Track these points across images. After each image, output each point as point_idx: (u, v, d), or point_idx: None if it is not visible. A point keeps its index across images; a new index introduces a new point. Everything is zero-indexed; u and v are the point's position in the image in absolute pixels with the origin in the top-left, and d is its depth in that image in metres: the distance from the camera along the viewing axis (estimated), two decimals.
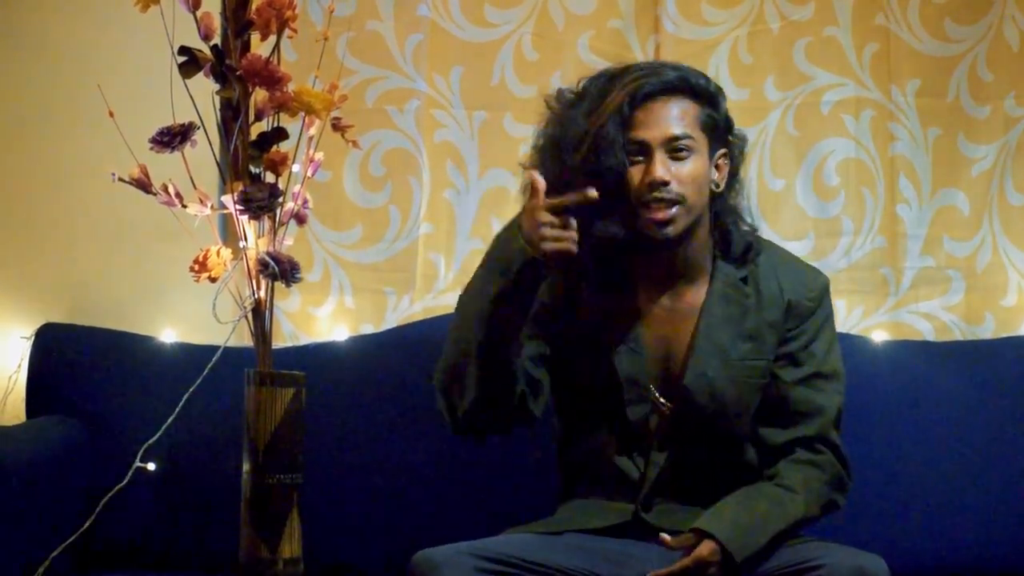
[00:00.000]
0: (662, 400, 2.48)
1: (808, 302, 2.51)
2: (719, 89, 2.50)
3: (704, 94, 2.46)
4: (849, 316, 3.17)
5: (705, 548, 2.31)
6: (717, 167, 2.48)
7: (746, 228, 2.53)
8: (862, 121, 3.20)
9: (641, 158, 2.42)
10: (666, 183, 2.40)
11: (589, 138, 2.39)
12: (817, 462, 2.47)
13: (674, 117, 2.43)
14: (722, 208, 2.50)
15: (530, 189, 2.31)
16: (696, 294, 2.50)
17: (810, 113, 3.20)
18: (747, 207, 2.54)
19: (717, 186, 2.48)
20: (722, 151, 2.48)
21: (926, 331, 3.18)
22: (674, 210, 2.41)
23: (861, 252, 3.19)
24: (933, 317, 3.19)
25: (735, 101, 3.18)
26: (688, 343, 2.48)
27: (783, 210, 3.20)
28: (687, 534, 2.34)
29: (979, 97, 3.20)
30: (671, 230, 2.42)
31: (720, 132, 2.48)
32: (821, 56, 3.20)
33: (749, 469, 2.49)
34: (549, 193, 2.32)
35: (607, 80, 2.45)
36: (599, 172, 2.38)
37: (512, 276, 2.31)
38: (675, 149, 2.42)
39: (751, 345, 2.48)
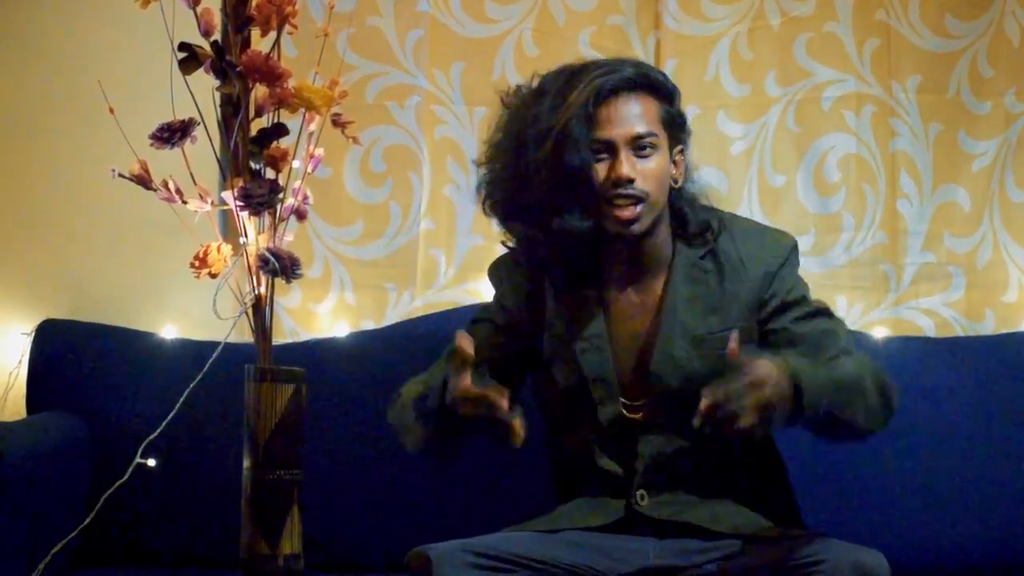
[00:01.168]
0: (628, 403, 2.47)
1: (774, 260, 2.48)
2: (675, 87, 2.50)
3: (663, 90, 2.47)
4: (850, 312, 3.17)
5: (769, 367, 2.20)
6: (675, 163, 2.49)
7: (701, 207, 2.51)
8: (863, 117, 3.20)
9: (605, 155, 2.42)
10: (631, 180, 2.41)
11: (553, 135, 2.39)
12: (859, 358, 2.43)
13: (637, 115, 2.43)
14: (677, 197, 2.50)
15: (457, 356, 2.29)
16: (661, 283, 2.50)
17: (811, 109, 3.20)
18: (700, 189, 2.53)
19: (676, 182, 2.48)
20: (679, 147, 2.49)
21: (927, 327, 3.18)
22: (639, 208, 2.41)
23: (862, 248, 3.19)
24: (934, 313, 3.19)
25: (736, 97, 3.20)
26: (655, 332, 2.48)
27: (784, 206, 3.20)
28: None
29: (980, 93, 3.20)
30: (637, 227, 2.42)
31: (677, 128, 2.49)
32: (822, 52, 3.20)
33: (740, 451, 2.47)
34: (510, 194, 2.42)
35: (567, 77, 2.45)
36: (563, 169, 2.39)
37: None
38: (639, 147, 2.43)
39: (715, 317, 2.46)
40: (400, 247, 3.22)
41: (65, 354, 3.03)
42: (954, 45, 3.20)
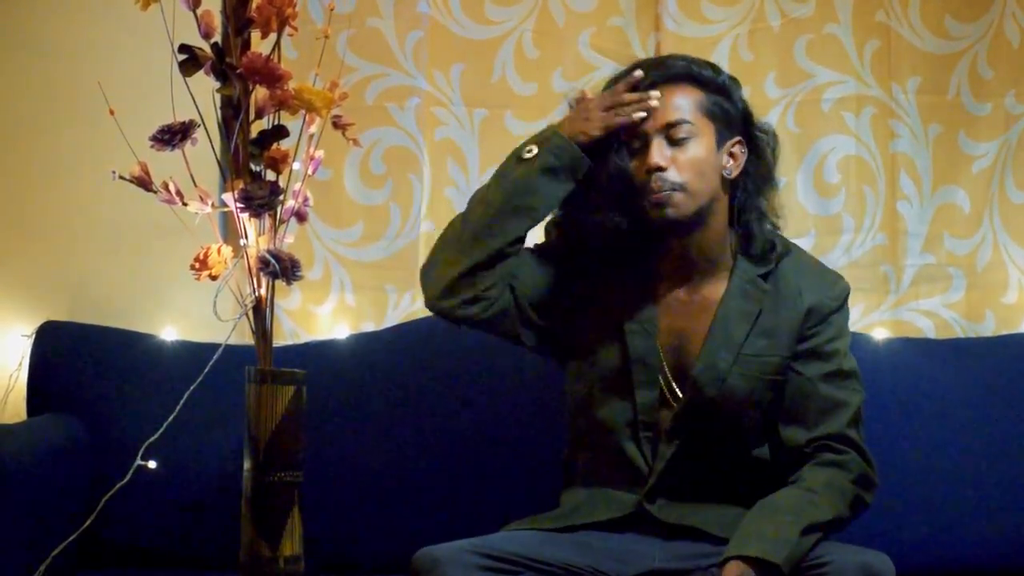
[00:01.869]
0: (673, 386, 2.48)
1: (830, 301, 2.51)
2: (733, 79, 2.52)
3: (710, 83, 2.47)
4: (850, 313, 3.16)
5: (731, 570, 2.27)
6: (732, 155, 2.48)
7: (769, 227, 2.52)
8: (863, 118, 3.20)
9: (641, 149, 2.44)
10: (662, 168, 2.41)
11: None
12: (841, 462, 2.44)
13: (672, 105, 2.45)
14: (745, 204, 2.50)
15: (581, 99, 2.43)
16: (713, 289, 2.50)
17: (811, 110, 3.20)
18: (775, 208, 2.54)
19: (729, 173, 2.48)
20: (736, 139, 2.48)
21: (927, 328, 3.18)
22: (671, 193, 2.42)
23: (862, 250, 3.19)
24: (934, 314, 3.19)
25: None
26: (702, 335, 2.48)
27: (784, 208, 3.19)
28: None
29: (980, 94, 3.20)
30: (671, 212, 2.42)
31: (733, 121, 2.49)
32: (822, 53, 3.20)
33: (756, 467, 2.49)
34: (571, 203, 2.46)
35: (615, 78, 2.50)
36: (608, 170, 2.43)
37: (558, 164, 2.43)
38: (673, 135, 2.43)
39: (765, 342, 2.47)
40: (400, 249, 3.22)
41: (65, 356, 3.03)
42: (954, 47, 3.20)
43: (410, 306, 3.20)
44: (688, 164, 2.43)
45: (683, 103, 2.45)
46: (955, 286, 3.19)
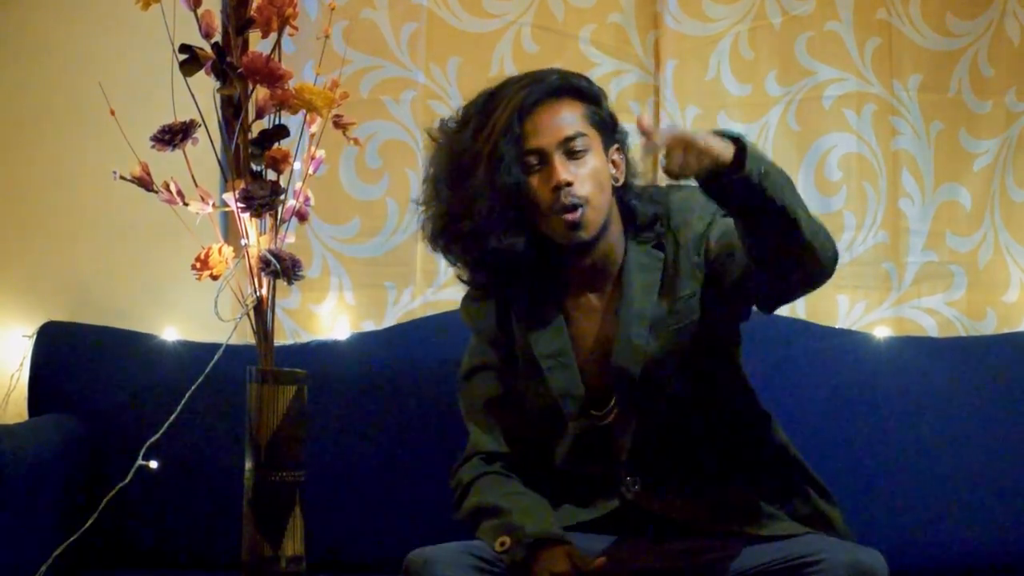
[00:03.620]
0: (594, 413, 2.46)
1: (700, 222, 2.44)
2: (601, 90, 2.50)
3: (588, 94, 2.46)
4: (851, 311, 3.16)
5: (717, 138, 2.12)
6: (613, 163, 2.47)
7: (647, 197, 2.49)
8: (864, 116, 3.19)
9: (539, 167, 2.41)
10: (569, 183, 2.38)
11: (483, 158, 2.38)
12: None
13: (565, 119, 2.42)
14: (623, 194, 2.48)
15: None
16: (615, 283, 2.49)
17: (812, 108, 3.20)
18: (642, 179, 2.51)
19: (617, 180, 2.47)
20: (614, 146, 2.48)
21: (928, 326, 3.17)
22: (582, 211, 2.39)
23: (863, 247, 3.19)
24: (935, 312, 3.18)
25: (737, 97, 3.20)
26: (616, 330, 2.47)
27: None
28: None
29: (981, 92, 3.19)
30: (583, 233, 2.40)
31: (608, 129, 2.47)
32: (823, 51, 3.20)
33: (715, 424, 2.47)
34: (446, 221, 2.41)
35: (487, 99, 2.45)
36: (499, 190, 2.38)
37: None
38: (571, 150, 2.41)
39: (668, 298, 2.44)
40: (398, 245, 3.21)
41: (66, 356, 3.02)
42: (955, 44, 3.20)
43: (409, 302, 3.20)
44: (588, 177, 2.40)
45: (573, 116, 2.43)
46: (956, 284, 3.18)
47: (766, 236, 2.21)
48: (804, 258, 2.22)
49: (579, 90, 2.45)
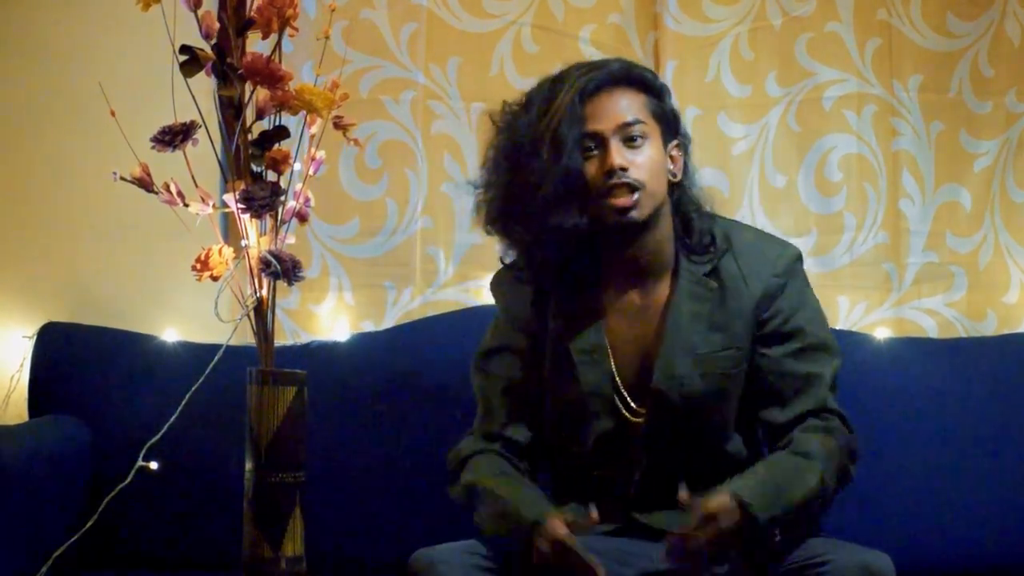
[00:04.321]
0: (632, 406, 2.47)
1: (776, 279, 2.47)
2: (664, 85, 2.51)
3: (651, 85, 2.47)
4: (851, 312, 3.17)
5: (718, 501, 2.25)
6: (672, 158, 2.48)
7: (706, 215, 2.51)
8: (864, 116, 3.19)
9: (596, 151, 2.42)
10: (624, 168, 2.40)
11: (545, 141, 2.39)
12: (828, 428, 2.43)
13: (624, 106, 2.44)
14: (682, 199, 2.49)
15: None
16: (663, 290, 2.49)
17: (812, 109, 3.20)
18: (703, 195, 2.52)
19: (674, 176, 2.48)
20: (674, 142, 2.49)
21: (928, 327, 3.17)
22: (635, 196, 2.41)
23: (863, 248, 3.19)
24: (935, 313, 3.18)
25: (737, 98, 3.20)
26: (657, 344, 2.47)
27: (785, 206, 3.20)
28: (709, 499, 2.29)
29: (981, 92, 3.20)
30: (636, 214, 2.41)
31: (670, 123, 2.48)
32: (823, 52, 3.20)
33: (731, 464, 2.47)
34: (506, 203, 2.42)
35: (552, 83, 2.46)
36: (558, 171, 2.39)
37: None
38: (629, 136, 2.43)
39: (720, 336, 2.46)
40: (398, 245, 3.21)
41: (67, 357, 3.03)
42: (955, 44, 3.20)
43: (409, 303, 3.20)
44: (645, 164, 2.42)
45: (633, 103, 2.44)
46: (957, 285, 3.19)
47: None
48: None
49: (642, 80, 2.46)
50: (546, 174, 2.39)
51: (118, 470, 2.83)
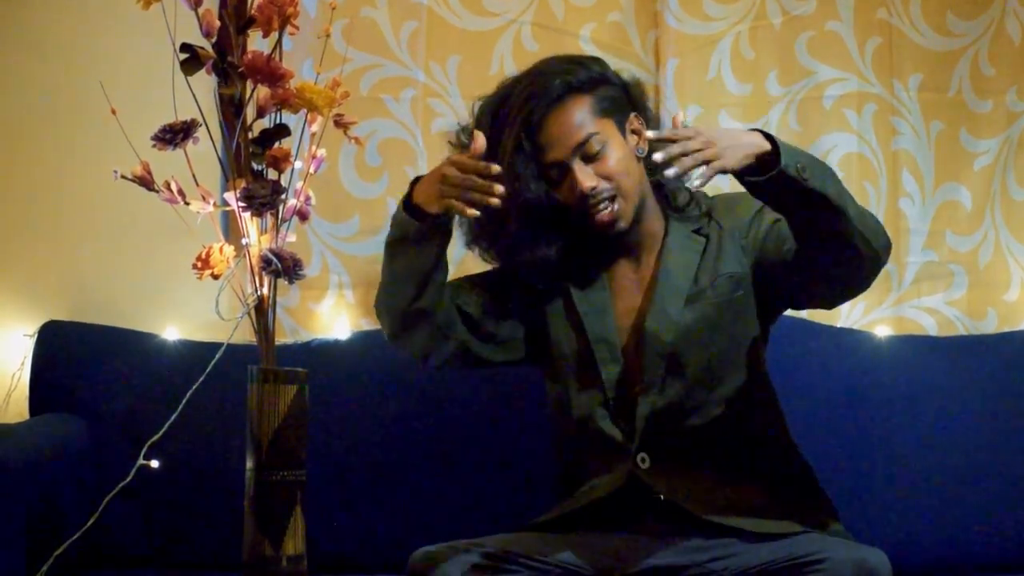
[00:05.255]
0: (624, 386, 2.48)
1: (749, 209, 2.50)
2: (597, 61, 2.50)
3: (589, 82, 2.46)
4: (852, 312, 3.16)
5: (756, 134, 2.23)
6: (634, 132, 2.48)
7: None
8: (864, 116, 3.19)
9: (561, 177, 2.43)
10: (594, 187, 2.41)
11: (503, 180, 2.34)
12: None
13: (574, 124, 2.43)
14: (650, 166, 2.46)
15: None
16: (655, 257, 2.52)
17: (812, 108, 3.20)
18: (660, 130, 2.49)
19: (641, 151, 2.48)
20: (631, 116, 2.49)
21: (929, 326, 3.17)
22: (616, 206, 2.43)
23: None
24: (936, 312, 3.18)
25: (737, 96, 3.20)
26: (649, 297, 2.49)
27: None
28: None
29: (981, 91, 3.19)
30: (622, 224, 2.45)
31: (620, 102, 2.48)
32: (823, 51, 3.20)
33: (732, 423, 2.47)
34: (477, 237, 2.48)
35: (492, 116, 2.45)
36: (522, 207, 2.40)
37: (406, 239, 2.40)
38: (587, 153, 2.43)
39: (710, 274, 2.48)
40: None
41: (67, 356, 3.03)
42: (956, 43, 3.20)
43: None
44: (613, 169, 2.43)
45: (580, 117, 2.43)
46: (957, 283, 3.19)
47: (815, 229, 2.28)
48: (856, 246, 2.29)
49: (580, 85, 2.45)
50: (508, 211, 2.38)
51: (119, 469, 2.83)
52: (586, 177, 2.41)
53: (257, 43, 2.54)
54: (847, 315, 3.15)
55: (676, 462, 2.45)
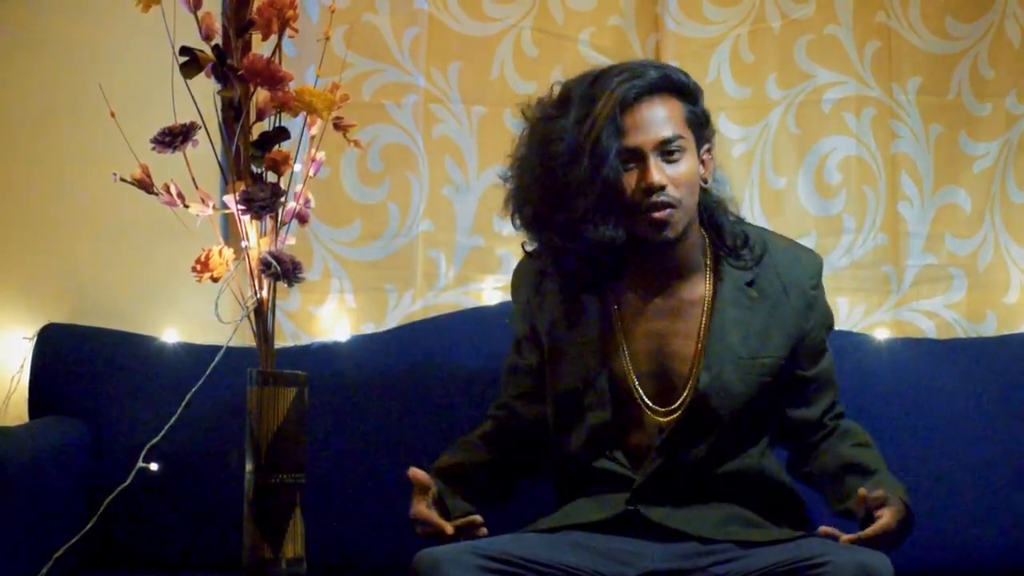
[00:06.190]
0: (649, 403, 2.49)
1: (813, 291, 2.53)
2: (697, 85, 2.50)
3: (687, 91, 2.47)
4: (851, 314, 3.17)
5: (892, 515, 2.38)
6: (703, 162, 2.49)
7: (733, 218, 2.53)
8: (863, 119, 3.20)
9: (633, 164, 2.42)
10: (663, 187, 2.40)
11: (585, 151, 2.37)
12: (850, 425, 2.60)
13: (663, 119, 2.43)
14: (708, 201, 2.50)
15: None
16: (691, 290, 2.51)
17: (811, 111, 3.20)
18: (730, 195, 2.54)
19: (705, 181, 2.49)
20: (706, 146, 2.49)
21: (928, 329, 3.18)
22: (672, 212, 2.42)
23: (863, 250, 3.19)
24: (935, 315, 3.19)
25: (736, 99, 3.20)
26: (695, 344, 2.48)
27: (785, 208, 3.20)
28: (875, 493, 2.39)
29: (980, 94, 3.20)
30: (670, 232, 2.43)
31: (703, 128, 2.49)
32: (822, 54, 3.20)
33: (746, 464, 2.50)
34: (541, 209, 2.42)
35: (589, 85, 2.43)
36: (596, 183, 2.39)
37: None
38: (668, 152, 2.42)
39: (758, 343, 2.48)
40: (399, 248, 3.21)
41: (67, 358, 3.02)
42: (955, 47, 3.20)
43: (410, 305, 3.20)
44: (682, 181, 2.43)
45: (671, 115, 2.44)
46: (956, 286, 3.19)
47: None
48: None
49: (679, 87, 2.45)
50: (585, 185, 2.38)
51: (118, 471, 2.83)
52: (659, 172, 2.41)
53: (261, 48, 2.54)
54: (846, 318, 3.15)
55: (672, 496, 2.47)
